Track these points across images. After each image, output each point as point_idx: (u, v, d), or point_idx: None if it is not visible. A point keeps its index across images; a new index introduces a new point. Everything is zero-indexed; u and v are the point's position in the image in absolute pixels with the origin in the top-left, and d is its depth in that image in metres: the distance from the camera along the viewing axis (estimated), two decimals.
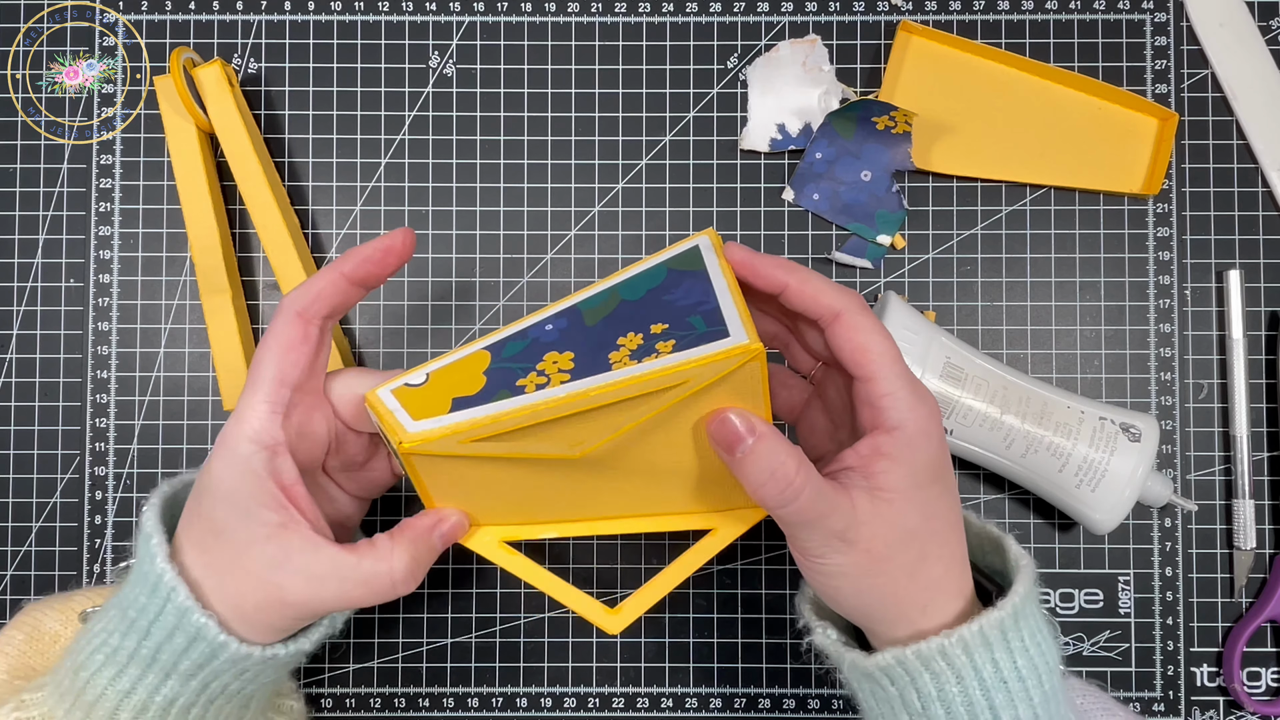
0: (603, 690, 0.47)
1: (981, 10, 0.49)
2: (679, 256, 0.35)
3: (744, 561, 0.47)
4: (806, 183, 0.48)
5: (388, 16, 0.49)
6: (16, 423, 0.48)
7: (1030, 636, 0.32)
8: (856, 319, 0.32)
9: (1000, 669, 0.32)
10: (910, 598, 0.33)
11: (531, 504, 0.36)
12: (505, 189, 0.49)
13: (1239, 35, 0.48)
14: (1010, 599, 0.32)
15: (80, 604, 0.39)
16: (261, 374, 0.34)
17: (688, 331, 0.32)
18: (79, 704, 0.33)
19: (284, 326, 0.34)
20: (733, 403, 0.32)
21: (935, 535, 0.33)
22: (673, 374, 0.30)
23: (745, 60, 0.49)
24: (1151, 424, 0.43)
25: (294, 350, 0.34)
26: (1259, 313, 0.48)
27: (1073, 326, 0.48)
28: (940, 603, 0.33)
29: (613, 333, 0.33)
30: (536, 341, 0.34)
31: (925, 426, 0.32)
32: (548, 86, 0.49)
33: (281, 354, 0.34)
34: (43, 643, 0.38)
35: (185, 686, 0.33)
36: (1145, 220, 0.48)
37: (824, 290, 0.33)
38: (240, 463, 0.33)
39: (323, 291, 0.35)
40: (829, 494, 0.31)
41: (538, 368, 0.33)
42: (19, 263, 0.48)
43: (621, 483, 0.35)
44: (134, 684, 0.33)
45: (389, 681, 0.47)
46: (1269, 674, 0.47)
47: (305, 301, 0.34)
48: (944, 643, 0.32)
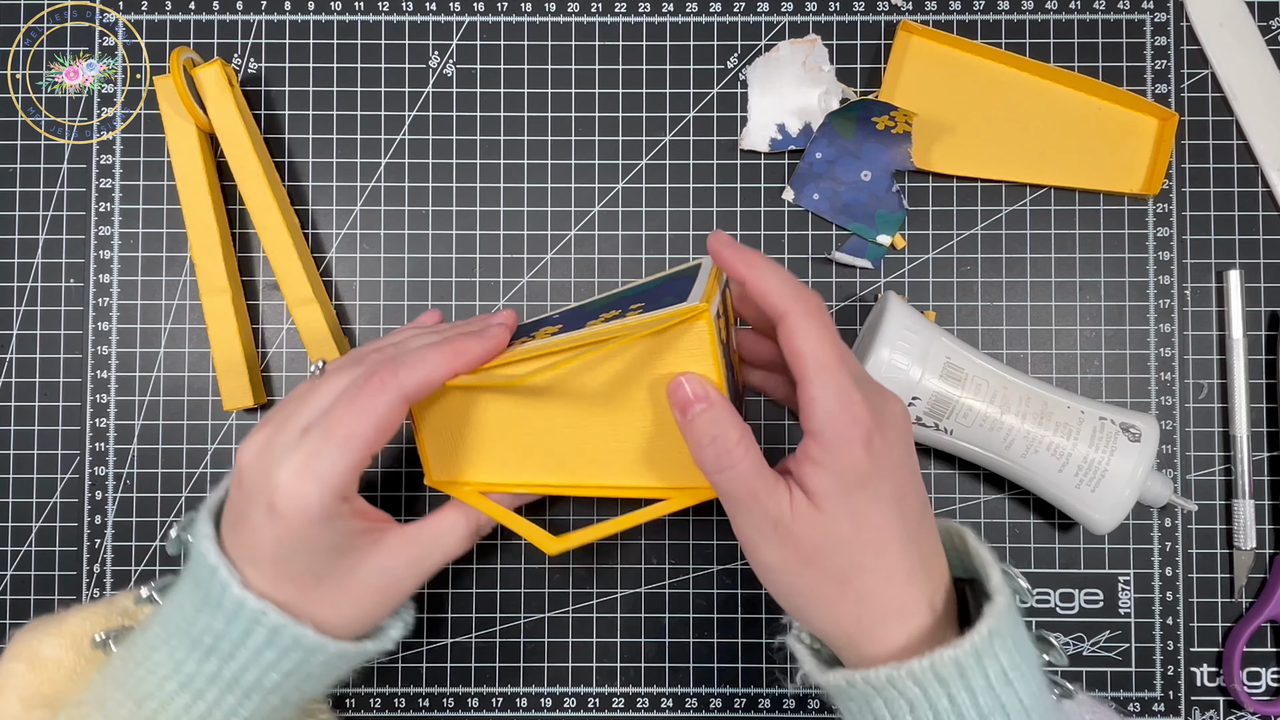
0: (603, 690, 0.47)
1: (981, 10, 0.49)
2: (681, 269, 0.39)
3: (744, 562, 0.47)
4: (806, 183, 0.48)
5: (388, 16, 0.49)
6: (16, 423, 0.48)
7: (998, 675, 0.31)
8: (797, 322, 0.33)
9: (958, 706, 0.31)
10: (842, 607, 0.33)
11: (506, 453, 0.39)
12: (505, 189, 0.49)
13: (1239, 35, 0.48)
14: (970, 636, 0.31)
15: (74, 627, 0.39)
16: (354, 439, 0.34)
17: (657, 306, 0.36)
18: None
19: (389, 409, 0.34)
20: (687, 366, 0.35)
21: (868, 546, 0.32)
22: (623, 329, 0.34)
23: (745, 60, 0.49)
24: (1151, 424, 0.43)
25: (389, 430, 0.34)
26: (1259, 313, 0.48)
27: (1073, 326, 0.48)
28: (881, 620, 0.32)
29: (599, 312, 0.38)
30: (539, 322, 0.41)
31: (845, 434, 0.32)
32: (548, 86, 0.49)
33: (378, 433, 0.34)
34: (46, 670, 0.38)
35: (266, 701, 0.34)
36: (1145, 220, 0.48)
37: (775, 290, 0.33)
38: (324, 517, 0.33)
39: (433, 385, 0.35)
40: (766, 476, 0.32)
41: (533, 335, 0.39)
42: (19, 263, 0.48)
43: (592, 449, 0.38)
44: (211, 706, 0.33)
45: (389, 681, 0.47)
46: (1269, 674, 0.47)
47: (415, 393, 0.35)
48: (893, 673, 0.31)
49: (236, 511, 0.35)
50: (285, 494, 0.33)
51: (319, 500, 0.33)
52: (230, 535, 0.35)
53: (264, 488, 0.33)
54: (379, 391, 0.34)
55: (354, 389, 0.35)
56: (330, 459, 0.33)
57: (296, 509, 0.33)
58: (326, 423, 0.34)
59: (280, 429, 0.35)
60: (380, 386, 0.34)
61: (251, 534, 0.34)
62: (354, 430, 0.33)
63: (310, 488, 0.33)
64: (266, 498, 0.33)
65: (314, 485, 0.33)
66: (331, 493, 0.33)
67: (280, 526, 0.33)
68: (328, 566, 0.35)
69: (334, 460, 0.33)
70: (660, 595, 0.47)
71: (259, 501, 0.33)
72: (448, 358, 0.36)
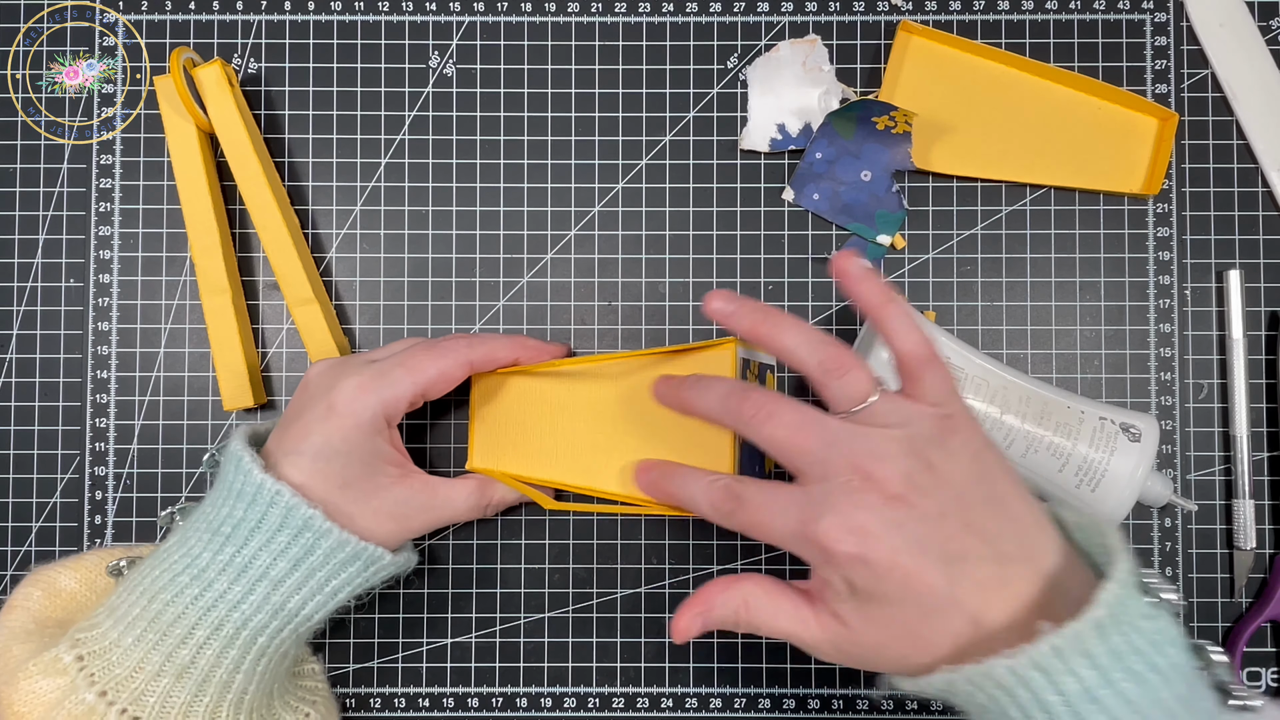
0: (603, 690, 0.47)
1: (981, 10, 0.49)
2: None
3: (744, 561, 0.47)
4: (806, 183, 0.48)
5: (388, 16, 0.49)
6: (16, 423, 0.48)
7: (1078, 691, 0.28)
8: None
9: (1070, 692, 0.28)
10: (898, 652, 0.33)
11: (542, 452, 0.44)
12: (505, 189, 0.49)
13: (1239, 35, 0.48)
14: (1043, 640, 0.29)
15: (93, 562, 0.41)
16: (419, 371, 0.40)
17: None
18: (153, 627, 0.35)
19: (455, 366, 0.41)
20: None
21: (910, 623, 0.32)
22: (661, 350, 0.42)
23: (745, 60, 0.49)
24: (1151, 424, 0.43)
25: (445, 386, 0.41)
26: (1259, 313, 0.48)
27: (1073, 326, 0.48)
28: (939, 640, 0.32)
29: None
30: None
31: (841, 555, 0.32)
32: (548, 86, 0.49)
33: (439, 379, 0.41)
34: (60, 599, 0.40)
35: (269, 598, 0.36)
36: (1145, 220, 0.48)
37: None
38: (372, 423, 0.39)
39: (495, 361, 0.43)
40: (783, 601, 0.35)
41: None
42: (19, 263, 0.48)
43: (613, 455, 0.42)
44: (218, 597, 0.35)
45: (389, 681, 0.47)
46: (1269, 674, 0.47)
47: (479, 361, 0.42)
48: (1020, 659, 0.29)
49: (293, 412, 0.40)
50: (345, 398, 0.39)
51: (371, 411, 0.39)
52: (278, 433, 0.40)
53: (328, 391, 0.39)
54: (451, 349, 0.41)
55: (430, 342, 0.42)
56: (392, 382, 0.39)
57: (351, 411, 0.39)
58: (399, 358, 0.40)
59: (349, 359, 0.42)
60: (453, 345, 0.41)
61: (303, 428, 0.39)
62: (422, 366, 0.40)
63: (370, 399, 0.39)
64: (328, 400, 0.39)
65: (373, 398, 0.39)
66: (384, 408, 0.39)
67: (331, 424, 0.38)
68: (358, 475, 0.39)
69: (395, 384, 0.39)
70: (660, 595, 0.47)
71: (319, 402, 0.39)
72: (514, 344, 0.43)
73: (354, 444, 0.39)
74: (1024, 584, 0.32)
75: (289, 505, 0.36)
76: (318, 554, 0.37)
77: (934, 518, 0.32)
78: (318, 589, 0.38)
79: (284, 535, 0.36)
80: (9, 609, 0.39)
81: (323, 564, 0.37)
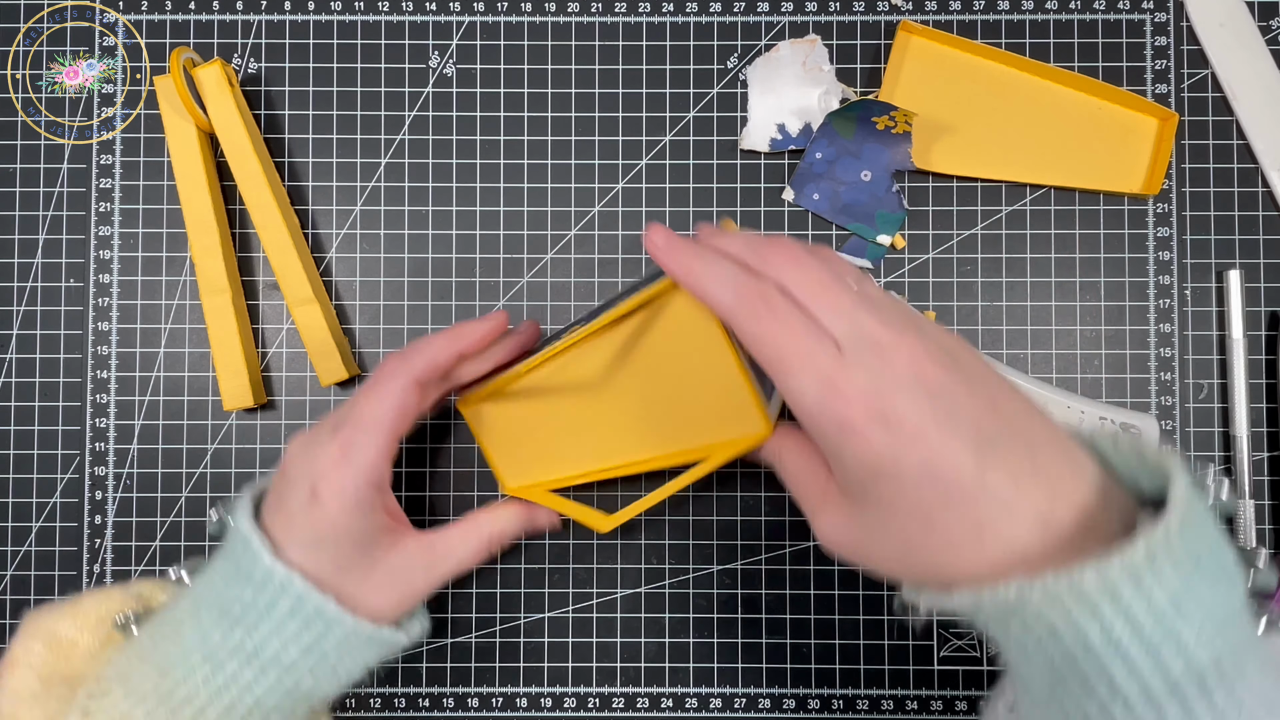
0: (603, 690, 0.47)
1: (981, 10, 0.49)
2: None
3: (744, 561, 0.47)
4: (806, 183, 0.48)
5: (388, 16, 0.49)
6: (16, 423, 0.48)
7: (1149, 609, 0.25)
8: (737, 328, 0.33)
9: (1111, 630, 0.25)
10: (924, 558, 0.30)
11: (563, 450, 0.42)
12: (505, 189, 0.49)
13: (1239, 35, 0.48)
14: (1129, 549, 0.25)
15: (90, 608, 0.39)
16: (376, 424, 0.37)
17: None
18: (164, 703, 0.34)
19: (402, 393, 0.37)
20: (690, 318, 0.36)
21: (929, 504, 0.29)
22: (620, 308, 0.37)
23: (745, 60, 0.49)
24: (1151, 424, 0.43)
25: (409, 415, 0.38)
26: (1259, 313, 0.48)
27: (1073, 326, 0.48)
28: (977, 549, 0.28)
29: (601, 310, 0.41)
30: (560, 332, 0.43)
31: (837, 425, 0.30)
32: (548, 86, 0.49)
33: (398, 416, 0.37)
34: (63, 649, 0.38)
35: (281, 680, 0.35)
36: (1145, 220, 0.48)
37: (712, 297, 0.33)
38: (359, 505, 0.36)
39: (439, 366, 0.38)
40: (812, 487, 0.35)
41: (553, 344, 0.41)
42: (19, 263, 0.48)
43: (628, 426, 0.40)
44: (230, 680, 0.35)
45: (389, 681, 0.47)
46: None
47: (423, 372, 0.38)
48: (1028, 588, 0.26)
49: (278, 497, 0.38)
50: (326, 480, 0.36)
51: (354, 487, 0.36)
52: (269, 519, 0.38)
53: (307, 474, 0.36)
54: (390, 378, 0.37)
55: (370, 381, 0.38)
56: (360, 445, 0.36)
57: (335, 494, 0.36)
58: (353, 415, 0.37)
59: (319, 427, 0.38)
60: (391, 373, 0.38)
61: (288, 518, 0.37)
62: (374, 415, 0.37)
63: (347, 474, 0.36)
64: (309, 484, 0.36)
65: (350, 471, 0.36)
66: (365, 478, 0.36)
67: (317, 512, 0.36)
68: (353, 558, 0.37)
69: (363, 446, 0.36)
70: (660, 595, 0.47)
71: (301, 487, 0.36)
72: (450, 339, 0.39)
73: (342, 528, 0.37)
74: (1065, 483, 0.28)
75: (299, 594, 0.35)
76: (330, 641, 0.36)
77: (964, 393, 0.29)
78: (330, 672, 0.37)
79: (294, 623, 0.35)
80: (11, 666, 0.38)
81: (335, 650, 0.37)
